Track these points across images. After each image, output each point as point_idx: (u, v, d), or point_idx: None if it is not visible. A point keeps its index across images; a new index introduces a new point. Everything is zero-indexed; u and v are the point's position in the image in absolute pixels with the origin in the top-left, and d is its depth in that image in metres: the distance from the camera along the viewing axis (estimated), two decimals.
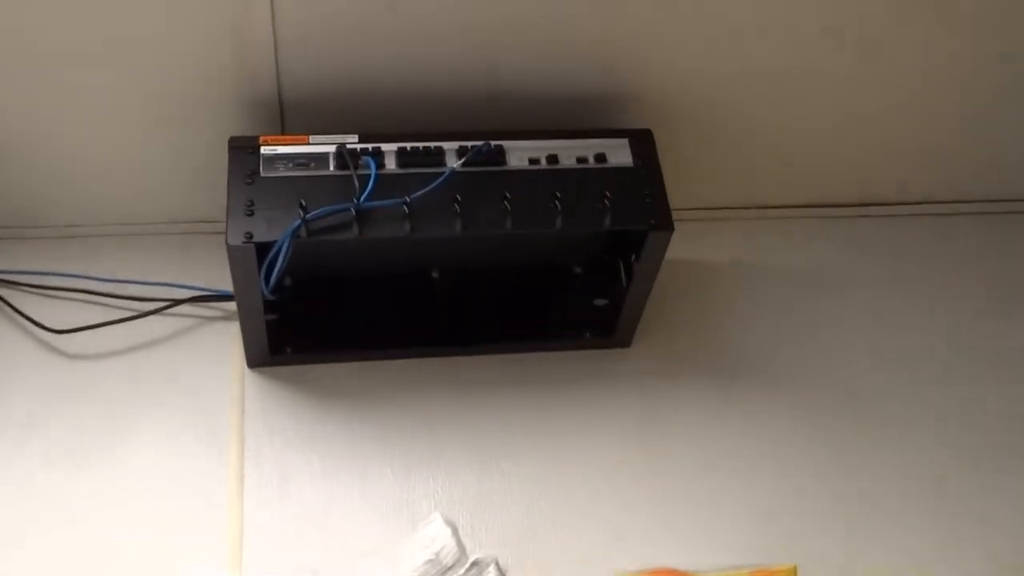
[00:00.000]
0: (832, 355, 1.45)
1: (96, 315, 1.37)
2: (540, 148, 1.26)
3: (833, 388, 1.42)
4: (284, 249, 1.16)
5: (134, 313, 1.37)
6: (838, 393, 1.41)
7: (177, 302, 1.39)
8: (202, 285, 1.40)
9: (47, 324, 1.35)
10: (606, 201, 1.22)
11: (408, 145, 1.23)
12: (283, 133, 1.32)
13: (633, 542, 1.26)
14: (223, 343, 1.37)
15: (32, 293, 1.39)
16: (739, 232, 1.56)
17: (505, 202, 1.20)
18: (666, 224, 1.24)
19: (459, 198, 1.19)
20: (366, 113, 1.31)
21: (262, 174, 1.20)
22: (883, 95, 1.42)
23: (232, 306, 1.34)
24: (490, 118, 1.33)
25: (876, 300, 1.52)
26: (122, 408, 1.31)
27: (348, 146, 1.22)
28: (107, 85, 1.26)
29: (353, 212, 1.17)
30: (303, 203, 1.16)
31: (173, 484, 1.26)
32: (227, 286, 1.24)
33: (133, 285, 1.39)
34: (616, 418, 1.36)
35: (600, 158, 1.26)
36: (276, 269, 1.17)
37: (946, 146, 1.52)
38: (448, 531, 1.24)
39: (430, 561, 1.21)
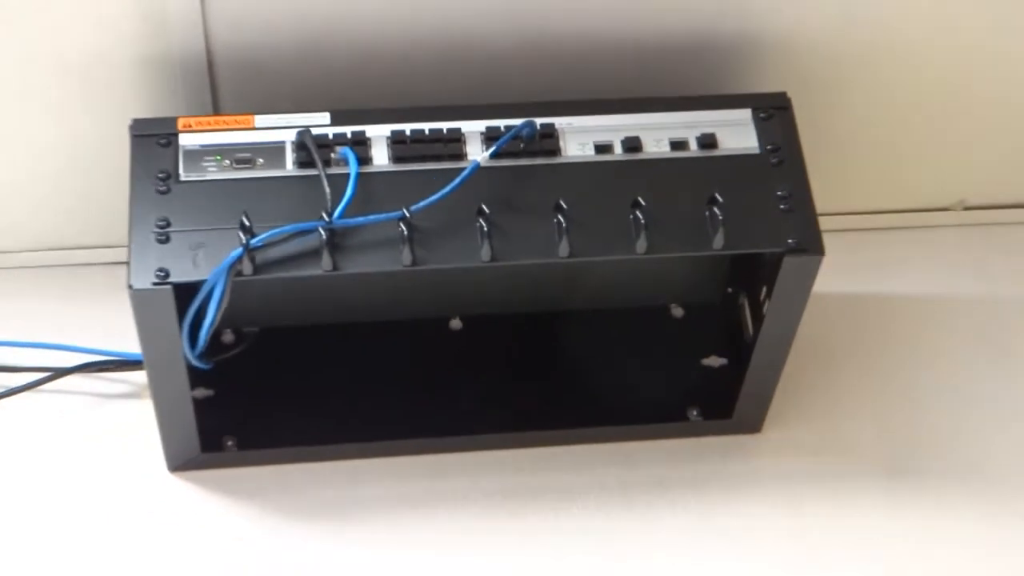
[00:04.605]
0: None
1: None
2: (613, 128, 1.25)
3: None
4: (218, 292, 1.16)
5: None
6: None
7: (60, 372, 1.40)
8: (98, 347, 1.40)
9: None
10: (716, 209, 1.21)
11: (407, 128, 1.23)
12: (215, 113, 1.33)
13: None
14: (130, 434, 1.38)
15: None
16: (929, 246, 1.58)
17: (558, 214, 1.20)
18: (812, 243, 1.22)
19: (487, 209, 1.19)
20: (343, 79, 1.33)
21: (182, 177, 1.20)
22: None
23: (142, 377, 1.34)
24: (534, 83, 1.34)
25: None
26: None
27: (315, 131, 1.22)
28: None
29: (323, 234, 1.16)
30: (246, 220, 1.16)
31: None
32: (134, 347, 1.24)
33: None
34: (741, 539, 1.35)
35: (707, 141, 1.25)
36: (207, 322, 1.17)
37: None
38: None
39: None
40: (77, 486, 1.34)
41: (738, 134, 1.26)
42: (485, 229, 1.18)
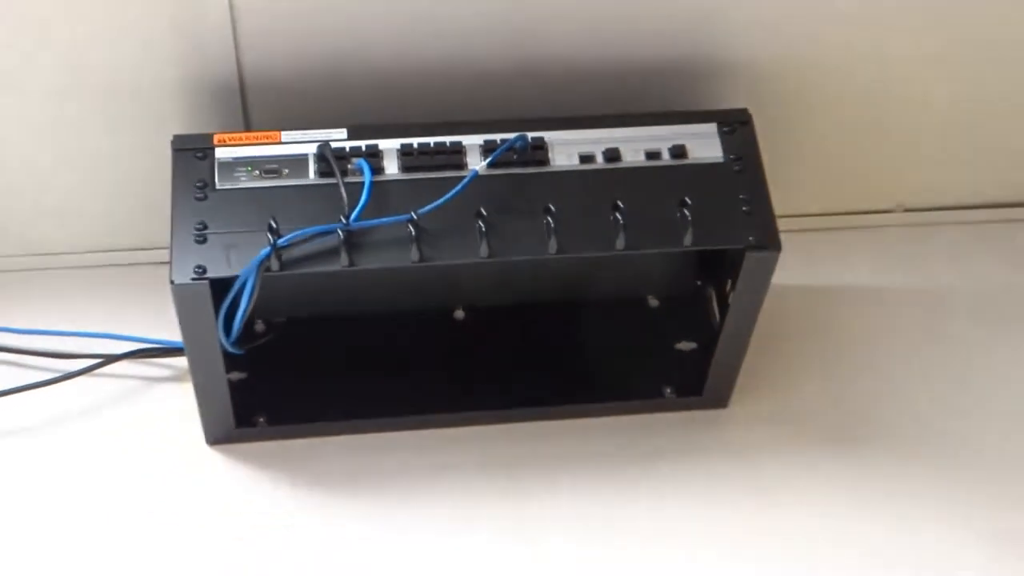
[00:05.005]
0: (1010, 413, 1.44)
1: (4, 378, 1.38)
2: (595, 140, 1.25)
3: (1006, 455, 1.40)
4: (249, 286, 1.16)
5: (53, 375, 1.38)
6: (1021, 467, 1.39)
7: (111, 358, 1.39)
8: (144, 335, 1.40)
9: None
10: (686, 211, 1.21)
11: (415, 141, 1.23)
12: (247, 129, 1.33)
13: None
14: (173, 413, 1.38)
15: None
16: (879, 246, 1.57)
17: (548, 216, 1.20)
18: (770, 241, 1.22)
19: (485, 212, 1.19)
20: (357, 99, 1.32)
21: (217, 185, 1.20)
22: None
23: (184, 362, 1.33)
24: (527, 101, 1.34)
25: None
26: (37, 502, 1.31)
27: (333, 145, 1.22)
28: (15, 74, 1.28)
29: (341, 234, 1.17)
30: (273, 223, 1.16)
31: None
32: (176, 336, 1.24)
33: (53, 337, 1.40)
34: (709, 505, 1.34)
35: (678, 151, 1.25)
36: (239, 313, 1.17)
37: None
38: None
39: None
40: (127, 457, 1.34)
41: (705, 145, 1.26)
42: (483, 229, 1.18)
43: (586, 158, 1.24)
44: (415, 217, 1.17)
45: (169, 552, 1.28)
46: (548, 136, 1.24)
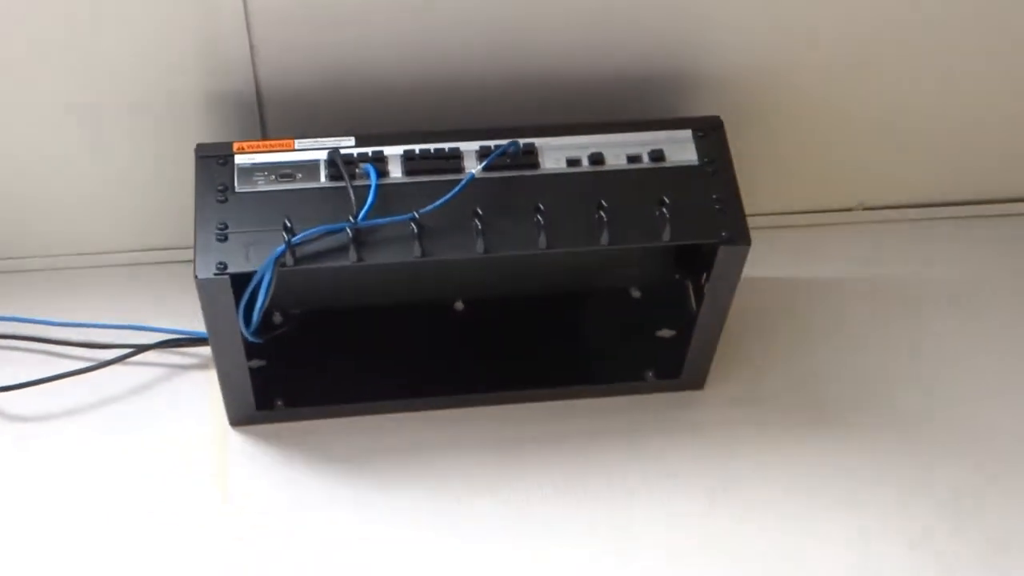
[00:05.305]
0: (966, 396, 1.43)
1: (42, 367, 1.38)
2: (581, 146, 1.25)
3: (966, 440, 1.39)
4: (266, 281, 1.15)
5: (89, 363, 1.38)
6: (973, 447, 1.38)
7: (141, 348, 1.39)
8: (171, 327, 1.40)
9: None
10: (664, 209, 1.20)
11: (416, 148, 1.22)
12: (265, 137, 1.32)
13: None
14: (199, 398, 1.37)
15: None
16: (842, 241, 1.56)
17: (538, 215, 1.19)
18: (741, 236, 1.22)
19: (481, 211, 1.18)
20: (365, 109, 1.32)
21: (237, 189, 1.20)
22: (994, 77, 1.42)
23: (208, 351, 1.33)
24: (518, 110, 1.33)
25: (1015, 319, 1.50)
26: (77, 481, 1.30)
27: (342, 151, 1.22)
28: (50, 88, 1.27)
29: (350, 233, 1.16)
30: (288, 223, 1.16)
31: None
32: (201, 327, 1.24)
33: (87, 329, 1.39)
34: (686, 478, 1.34)
35: (656, 155, 1.24)
36: (257, 305, 1.17)
37: None
38: None
39: None
40: (157, 437, 1.34)
41: (681, 150, 1.25)
42: (479, 227, 1.18)
43: (573, 162, 1.24)
44: (417, 216, 1.17)
45: (196, 518, 1.28)
46: (538, 142, 1.24)
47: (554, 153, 1.24)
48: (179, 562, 1.26)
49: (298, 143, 1.22)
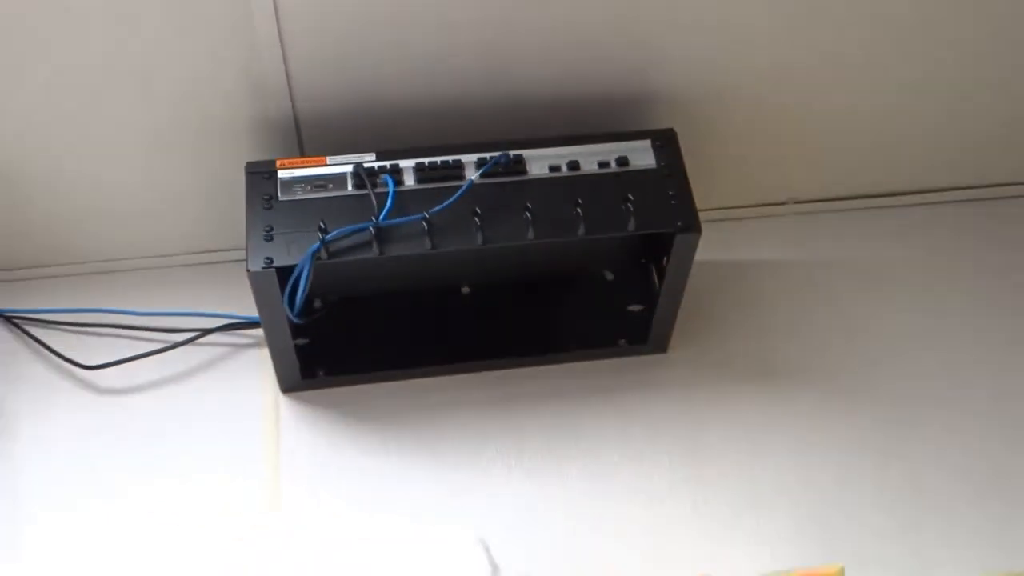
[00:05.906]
0: (881, 354, 1.42)
1: (127, 349, 1.38)
2: (560, 155, 1.25)
3: (884, 388, 1.39)
4: (305, 272, 1.16)
5: (165, 345, 1.38)
6: (890, 393, 1.38)
7: (206, 331, 1.39)
8: (230, 312, 1.40)
9: (79, 360, 1.36)
10: (629, 205, 1.21)
11: (426, 160, 1.23)
12: (302, 155, 1.32)
13: (673, 551, 1.25)
14: (255, 370, 1.38)
15: (63, 331, 1.40)
16: (777, 229, 1.54)
17: (527, 212, 1.19)
18: (692, 225, 1.22)
19: (479, 211, 1.19)
20: (383, 129, 1.31)
21: (280, 198, 1.20)
22: (912, 79, 1.40)
23: (261, 332, 1.33)
24: (509, 127, 1.32)
25: (927, 294, 1.48)
26: (157, 440, 1.32)
27: (365, 165, 1.22)
28: (125, 118, 1.27)
29: (372, 231, 1.17)
30: (322, 224, 1.17)
31: (211, 514, 1.26)
32: (254, 312, 1.24)
33: (162, 317, 1.39)
34: (655, 425, 1.34)
35: (622, 161, 1.25)
36: (299, 292, 1.17)
37: (986, 130, 1.49)
38: (482, 547, 1.23)
39: None
40: (223, 403, 1.35)
41: (642, 156, 1.26)
42: (479, 224, 1.19)
43: (554, 168, 1.24)
44: (427, 216, 1.18)
45: (254, 469, 1.29)
46: (525, 153, 1.24)
47: (539, 161, 1.24)
48: (246, 494, 1.28)
49: (330, 159, 1.23)
